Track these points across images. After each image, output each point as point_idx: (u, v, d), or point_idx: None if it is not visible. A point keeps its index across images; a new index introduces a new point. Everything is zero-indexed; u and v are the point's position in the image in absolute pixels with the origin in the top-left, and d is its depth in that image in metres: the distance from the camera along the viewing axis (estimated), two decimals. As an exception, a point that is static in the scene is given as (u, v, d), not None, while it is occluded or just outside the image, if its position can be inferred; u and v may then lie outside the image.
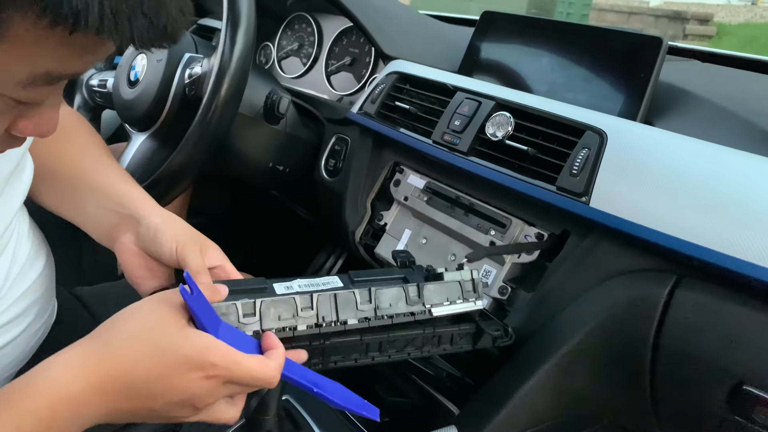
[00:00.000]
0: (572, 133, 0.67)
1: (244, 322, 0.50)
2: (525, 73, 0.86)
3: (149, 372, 0.44)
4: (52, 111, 0.43)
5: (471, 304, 0.59)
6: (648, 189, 0.60)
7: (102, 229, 0.64)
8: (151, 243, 0.59)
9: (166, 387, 0.44)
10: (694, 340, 0.56)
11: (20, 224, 0.62)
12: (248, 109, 0.92)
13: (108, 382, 0.43)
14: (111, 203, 0.63)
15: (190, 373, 0.44)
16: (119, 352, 0.44)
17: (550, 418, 0.68)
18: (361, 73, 1.07)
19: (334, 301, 0.53)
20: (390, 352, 0.58)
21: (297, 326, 0.52)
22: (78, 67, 0.39)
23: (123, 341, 0.45)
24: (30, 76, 0.36)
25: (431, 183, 0.83)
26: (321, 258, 1.33)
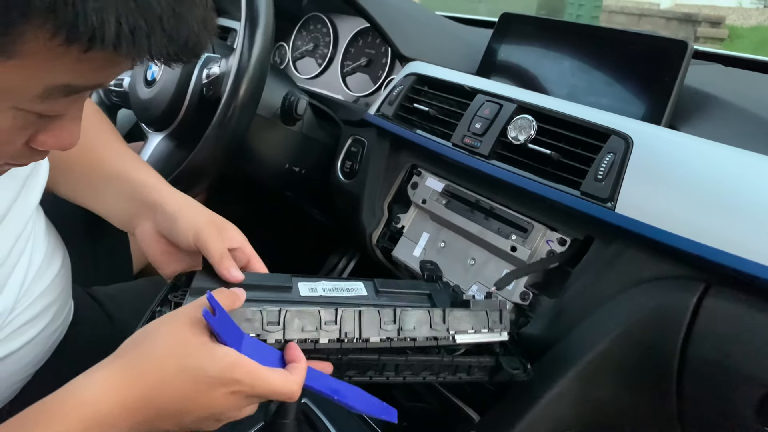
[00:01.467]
0: (597, 137, 0.66)
1: (267, 329, 0.50)
2: (545, 75, 0.85)
3: (178, 393, 0.44)
4: (73, 123, 0.42)
5: (496, 334, 0.58)
6: (675, 195, 0.59)
7: (122, 217, 0.65)
8: (169, 229, 0.60)
9: (193, 406, 0.45)
10: (723, 349, 0.54)
11: (37, 224, 0.62)
12: (265, 110, 0.92)
13: (137, 403, 0.44)
14: (129, 191, 0.64)
15: (216, 391, 0.45)
16: (147, 375, 0.44)
17: (571, 426, 0.67)
18: (378, 74, 1.07)
19: (358, 318, 0.52)
20: (405, 374, 0.57)
21: (319, 339, 0.52)
22: (99, 80, 0.38)
23: (150, 363, 0.45)
24: (47, 89, 0.35)
25: (450, 186, 0.82)
26: (333, 259, 1.32)
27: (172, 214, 0.60)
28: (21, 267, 0.58)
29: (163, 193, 0.63)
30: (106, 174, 0.66)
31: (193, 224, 0.58)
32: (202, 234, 0.57)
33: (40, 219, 0.64)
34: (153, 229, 0.62)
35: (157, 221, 0.61)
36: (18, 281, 0.57)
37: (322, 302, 0.57)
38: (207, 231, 0.57)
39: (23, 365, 0.61)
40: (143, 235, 0.63)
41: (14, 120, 0.37)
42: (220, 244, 0.57)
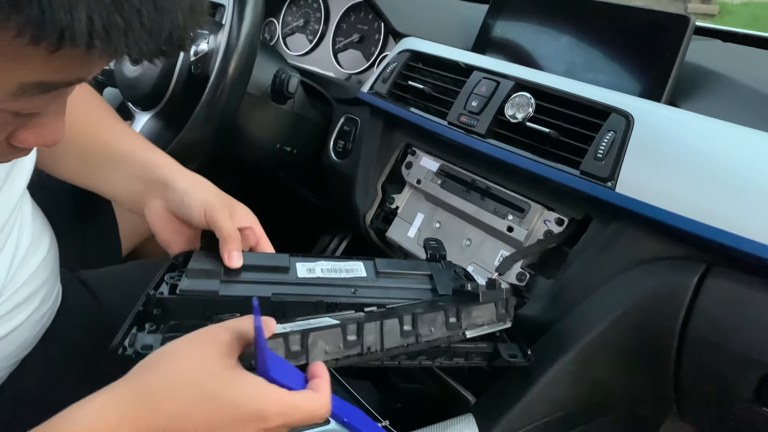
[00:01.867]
0: (597, 115, 0.64)
1: (291, 358, 0.46)
2: (542, 51, 0.83)
3: (198, 427, 0.38)
4: (55, 120, 0.38)
5: (501, 324, 0.56)
6: (677, 174, 0.57)
7: (129, 196, 0.64)
8: (179, 206, 0.59)
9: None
10: (723, 330, 0.54)
11: (23, 209, 0.60)
12: (255, 88, 0.89)
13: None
14: (136, 171, 0.63)
15: (244, 427, 0.39)
16: (164, 402, 0.38)
17: (567, 406, 0.67)
18: (371, 51, 1.04)
19: (380, 331, 0.49)
20: (401, 358, 0.56)
21: (342, 356, 0.49)
22: (77, 75, 0.34)
23: (166, 390, 0.39)
24: (20, 87, 0.32)
25: (445, 166, 0.81)
26: (325, 240, 1.31)
27: (183, 191, 0.59)
28: (7, 252, 0.56)
29: (173, 171, 0.62)
30: (111, 154, 0.64)
31: (204, 201, 0.58)
32: (214, 211, 0.56)
33: (26, 203, 0.62)
34: (163, 207, 0.61)
35: (168, 198, 0.60)
36: (4, 267, 0.55)
37: (321, 283, 0.56)
38: (218, 208, 0.57)
39: (10, 351, 0.60)
40: (152, 214, 0.62)
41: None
42: (230, 223, 0.56)
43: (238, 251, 0.55)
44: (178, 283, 0.53)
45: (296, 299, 0.53)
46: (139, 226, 1.00)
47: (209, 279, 0.54)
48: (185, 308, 0.52)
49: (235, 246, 0.55)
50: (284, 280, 0.56)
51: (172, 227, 0.61)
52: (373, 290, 0.57)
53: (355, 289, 0.56)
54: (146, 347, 0.47)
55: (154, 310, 0.51)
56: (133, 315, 0.50)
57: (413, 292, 0.58)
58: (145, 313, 0.51)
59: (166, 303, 0.51)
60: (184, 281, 0.53)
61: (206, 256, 0.57)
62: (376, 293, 0.56)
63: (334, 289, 0.55)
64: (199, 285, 0.52)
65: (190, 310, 0.52)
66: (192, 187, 0.60)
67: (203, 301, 0.52)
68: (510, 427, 0.63)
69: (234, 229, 0.56)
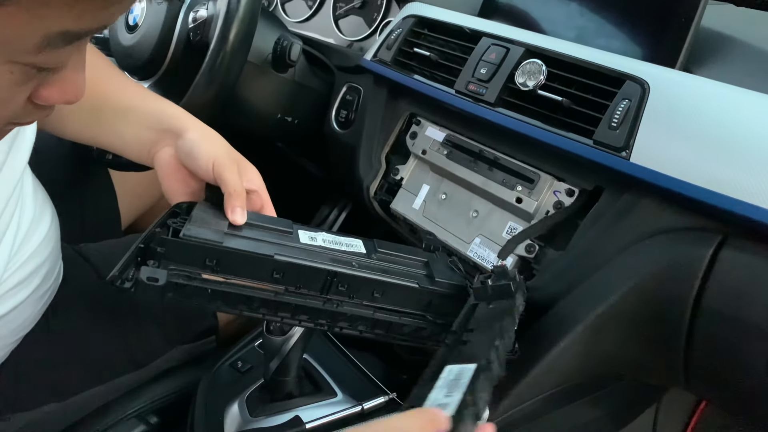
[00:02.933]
0: (611, 83, 0.63)
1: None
2: (552, 16, 0.81)
3: None
4: (76, 73, 0.37)
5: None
6: (693, 143, 0.56)
7: (139, 147, 0.63)
8: (187, 156, 0.58)
9: None
10: (737, 302, 0.53)
11: (24, 184, 0.58)
12: (255, 56, 0.87)
13: None
14: (147, 121, 0.62)
15: None
16: None
17: (575, 378, 0.67)
18: (373, 17, 1.01)
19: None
20: (396, 334, 0.56)
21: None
22: (102, 21, 0.33)
23: None
24: (44, 38, 0.31)
25: (451, 136, 0.79)
26: (324, 211, 1.30)
27: (193, 141, 0.58)
28: (11, 230, 0.55)
29: (186, 121, 0.61)
30: (121, 106, 0.63)
31: (214, 153, 0.57)
32: (222, 165, 0.56)
33: (27, 178, 0.60)
34: (172, 155, 0.60)
35: (178, 146, 0.60)
36: (7, 244, 0.54)
37: (322, 252, 0.55)
38: (226, 163, 0.56)
39: (13, 328, 0.59)
40: (161, 162, 0.61)
41: (12, 75, 0.33)
42: (237, 179, 0.55)
43: (242, 207, 0.54)
44: (180, 228, 0.51)
45: (298, 262, 0.52)
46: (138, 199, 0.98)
47: (212, 229, 0.52)
48: (185, 254, 0.49)
49: (240, 202, 0.54)
50: (287, 242, 0.55)
51: (178, 176, 0.60)
52: (371, 267, 0.56)
53: (354, 263, 0.55)
54: (152, 279, 0.45)
55: (157, 248, 0.48)
56: (133, 249, 0.48)
57: (410, 275, 0.57)
58: (145, 251, 0.49)
59: (169, 244, 0.49)
60: (187, 227, 0.51)
61: (210, 208, 0.55)
62: (374, 270, 0.55)
63: (334, 260, 0.54)
64: (202, 233, 0.50)
65: (190, 257, 0.49)
66: (202, 137, 0.59)
67: (205, 250, 0.50)
68: (518, 400, 0.62)
69: (240, 185, 0.55)
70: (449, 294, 0.57)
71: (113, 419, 0.71)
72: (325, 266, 0.52)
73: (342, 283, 0.53)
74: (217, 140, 0.60)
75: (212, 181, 0.57)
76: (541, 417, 0.69)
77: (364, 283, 0.53)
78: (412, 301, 0.56)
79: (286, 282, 0.52)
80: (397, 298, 0.55)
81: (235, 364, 0.74)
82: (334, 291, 0.53)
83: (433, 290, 0.56)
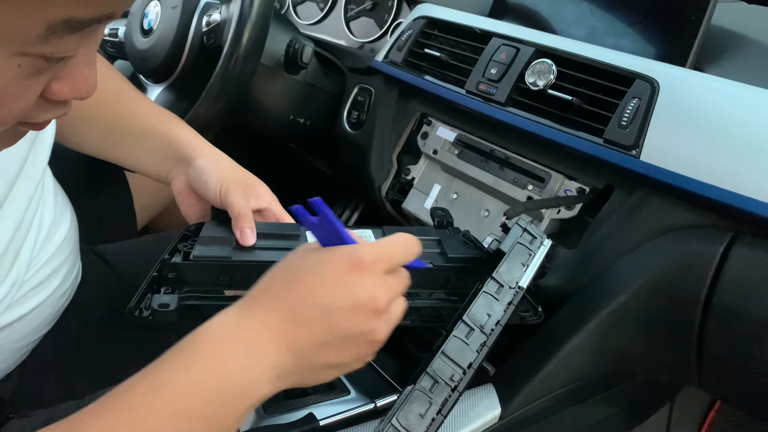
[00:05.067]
0: (621, 81, 0.63)
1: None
2: (562, 16, 0.81)
3: (313, 289, 0.40)
4: (87, 68, 0.37)
5: (541, 247, 0.56)
6: (703, 141, 0.56)
7: (153, 171, 0.66)
8: (197, 184, 0.61)
9: (335, 296, 0.40)
10: (749, 299, 0.53)
11: (45, 183, 0.60)
12: (268, 58, 0.88)
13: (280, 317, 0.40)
14: (159, 147, 0.64)
15: (349, 275, 0.40)
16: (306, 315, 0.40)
17: (587, 375, 0.67)
18: (384, 19, 1.02)
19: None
20: (413, 317, 0.56)
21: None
22: (106, 9, 0.33)
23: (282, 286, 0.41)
24: (48, 25, 0.31)
25: (462, 135, 0.80)
26: (337, 211, 1.31)
27: (202, 169, 0.61)
28: (33, 230, 0.56)
29: (195, 149, 0.63)
30: (135, 129, 0.66)
31: (220, 179, 0.59)
32: (228, 190, 0.58)
33: (48, 178, 0.62)
34: (185, 183, 0.63)
35: (190, 175, 0.62)
36: (30, 244, 0.56)
37: None
38: (232, 187, 0.58)
39: (33, 327, 0.60)
40: (176, 189, 0.64)
41: (20, 68, 0.33)
42: (242, 201, 0.57)
43: (250, 228, 0.56)
44: (191, 250, 0.53)
45: None
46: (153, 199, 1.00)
47: (222, 246, 0.54)
48: (198, 275, 0.52)
49: (247, 223, 0.56)
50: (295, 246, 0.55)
51: (192, 201, 0.63)
52: None
53: None
54: (163, 305, 0.48)
55: (169, 274, 0.52)
56: (148, 280, 0.51)
57: (423, 256, 0.57)
58: (159, 278, 0.52)
59: (180, 269, 0.52)
60: (197, 248, 0.53)
61: (217, 226, 0.58)
62: None
63: None
64: (212, 252, 0.53)
65: (204, 275, 0.52)
66: (211, 165, 0.61)
67: (216, 267, 0.52)
68: (530, 397, 0.63)
69: (246, 207, 0.57)
70: (466, 267, 0.57)
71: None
72: None
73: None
74: (225, 165, 0.62)
75: (221, 206, 0.59)
76: (553, 415, 0.69)
77: None
78: (429, 282, 0.56)
79: None
80: (414, 280, 0.55)
81: (250, 362, 0.75)
82: None
83: (449, 267, 0.56)
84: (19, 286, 0.55)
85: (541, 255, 0.55)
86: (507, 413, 0.61)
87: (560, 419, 0.70)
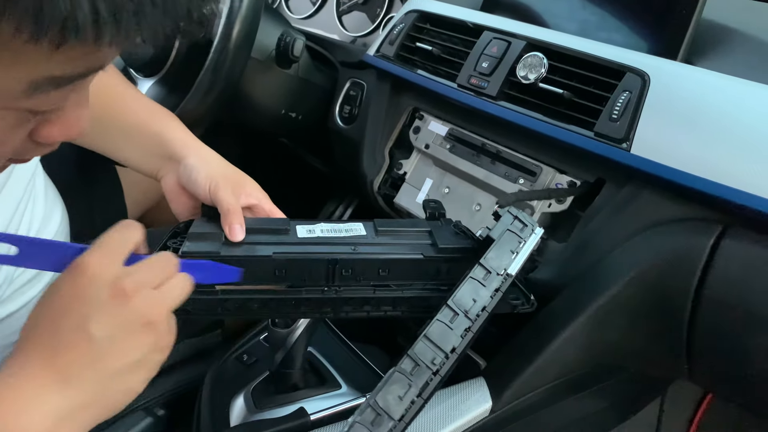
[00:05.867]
0: (611, 75, 0.63)
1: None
2: (554, 9, 0.81)
3: (57, 315, 0.40)
4: (77, 110, 0.35)
5: (531, 235, 0.54)
6: (694, 134, 0.56)
7: (147, 170, 0.66)
8: (188, 182, 0.61)
9: (78, 311, 0.39)
10: (739, 292, 0.53)
11: (36, 181, 0.59)
12: (259, 52, 0.87)
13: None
14: (150, 145, 0.64)
15: (71, 290, 0.40)
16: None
17: (578, 369, 0.67)
18: (376, 13, 1.02)
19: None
20: (403, 308, 0.56)
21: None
22: (90, 66, 0.31)
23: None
24: (31, 84, 0.29)
25: (454, 130, 0.80)
26: (331, 206, 1.30)
27: (191, 167, 0.61)
28: (23, 227, 0.56)
29: (185, 147, 0.63)
30: (126, 124, 0.65)
31: (210, 176, 0.59)
32: (217, 187, 0.58)
33: (39, 175, 0.61)
34: (176, 181, 0.63)
35: (180, 174, 0.62)
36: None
37: (321, 242, 0.56)
38: (221, 184, 0.58)
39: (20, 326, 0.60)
40: (167, 187, 0.64)
41: (4, 120, 0.32)
42: (231, 198, 0.57)
43: (239, 224, 0.56)
44: (179, 247, 0.53)
45: (296, 257, 0.52)
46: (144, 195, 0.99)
47: (210, 242, 0.54)
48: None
49: (236, 219, 0.56)
50: (284, 240, 0.55)
51: (182, 199, 0.63)
52: (373, 246, 0.56)
53: (355, 246, 0.55)
54: None
55: None
56: None
57: (414, 247, 0.57)
58: None
59: None
60: (186, 244, 0.53)
61: (207, 222, 0.57)
62: (376, 249, 0.56)
63: (334, 247, 0.55)
64: (200, 247, 0.52)
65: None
66: (200, 162, 0.61)
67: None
68: (521, 391, 0.63)
69: (235, 204, 0.57)
70: (456, 258, 0.56)
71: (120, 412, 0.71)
72: (324, 255, 0.53)
73: (345, 269, 0.53)
74: (215, 163, 0.62)
75: (210, 203, 0.59)
76: (544, 408, 0.69)
77: (368, 264, 0.54)
78: (420, 273, 0.56)
79: (290, 278, 0.52)
80: (404, 272, 0.55)
81: (241, 358, 0.75)
82: (339, 277, 0.53)
83: (439, 257, 0.56)
84: (9, 284, 0.55)
85: (533, 243, 0.54)
86: (498, 407, 0.61)
87: (552, 413, 0.70)
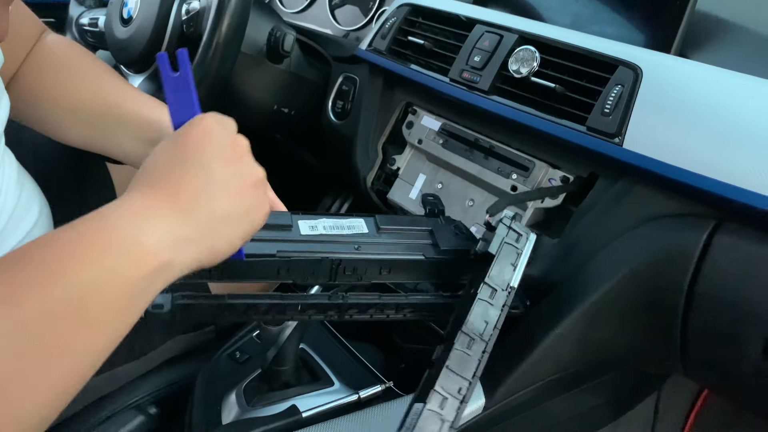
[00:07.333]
0: (604, 68, 0.62)
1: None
2: (546, 3, 0.80)
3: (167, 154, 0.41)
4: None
5: (527, 243, 0.56)
6: (686, 128, 0.56)
7: (140, 157, 0.64)
8: None
9: (204, 151, 0.41)
10: (732, 288, 0.53)
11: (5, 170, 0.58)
12: (250, 47, 0.86)
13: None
14: (145, 132, 0.63)
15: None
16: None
17: (572, 366, 0.67)
18: (368, 6, 1.01)
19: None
20: (407, 311, 0.56)
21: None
22: None
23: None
24: None
25: (447, 124, 0.79)
26: (326, 202, 1.30)
27: None
28: None
29: None
30: (119, 116, 0.64)
31: None
32: None
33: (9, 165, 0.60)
34: None
35: None
36: None
37: (324, 241, 0.55)
38: None
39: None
40: None
41: None
42: None
43: None
44: None
45: (301, 257, 0.52)
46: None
47: None
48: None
49: None
50: (287, 237, 0.55)
51: None
52: (375, 246, 0.56)
53: (358, 245, 0.55)
54: (157, 306, 0.47)
55: None
56: None
57: (415, 247, 0.57)
58: None
59: None
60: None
61: None
62: (378, 249, 0.56)
63: (337, 246, 0.55)
64: None
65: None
66: None
67: None
68: (514, 388, 0.62)
69: None
70: (457, 260, 0.57)
71: (112, 410, 0.71)
72: (329, 255, 0.53)
73: (348, 268, 0.53)
74: None
75: None
76: (538, 405, 0.69)
77: (370, 264, 0.54)
78: (420, 273, 0.56)
79: (293, 277, 0.52)
80: (405, 272, 0.56)
81: (234, 355, 0.75)
82: (342, 276, 0.53)
83: (441, 259, 0.56)
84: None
85: (528, 250, 0.55)
86: (491, 404, 0.60)
87: (546, 409, 0.70)
